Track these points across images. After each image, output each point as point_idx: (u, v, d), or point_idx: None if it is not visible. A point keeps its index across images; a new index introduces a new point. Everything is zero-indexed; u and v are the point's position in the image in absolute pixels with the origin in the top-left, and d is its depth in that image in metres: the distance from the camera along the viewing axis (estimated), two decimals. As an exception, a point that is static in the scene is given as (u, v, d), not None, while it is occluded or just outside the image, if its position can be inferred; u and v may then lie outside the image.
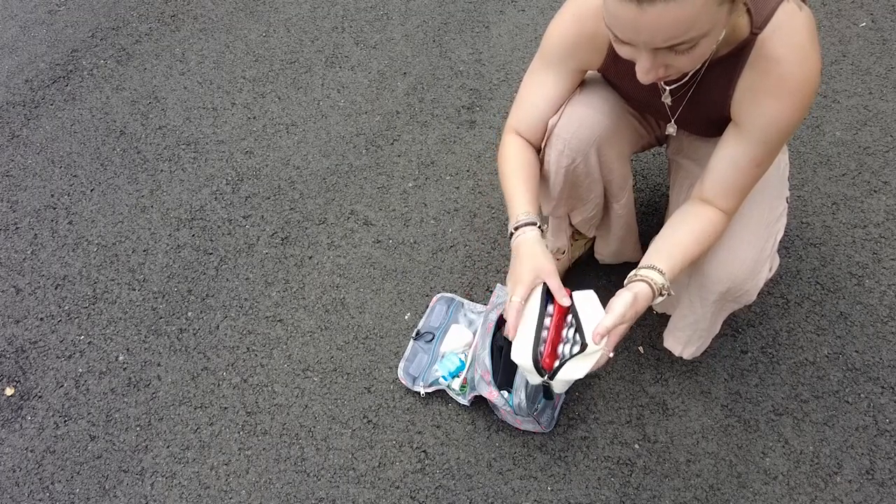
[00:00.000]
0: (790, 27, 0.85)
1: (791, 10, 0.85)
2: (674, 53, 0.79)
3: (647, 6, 0.72)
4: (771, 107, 0.90)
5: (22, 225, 1.91)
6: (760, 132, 0.93)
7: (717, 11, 0.75)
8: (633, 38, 0.78)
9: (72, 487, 1.44)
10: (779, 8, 0.85)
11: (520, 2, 2.22)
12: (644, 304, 0.95)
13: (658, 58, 0.81)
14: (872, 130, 1.73)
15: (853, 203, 1.61)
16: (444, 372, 1.42)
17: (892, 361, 1.39)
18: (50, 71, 2.31)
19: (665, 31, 0.75)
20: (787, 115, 0.89)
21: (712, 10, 0.74)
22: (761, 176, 1.00)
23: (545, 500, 1.31)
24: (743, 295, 1.13)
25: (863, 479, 1.26)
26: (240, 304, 1.66)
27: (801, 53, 0.86)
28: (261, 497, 1.37)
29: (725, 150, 0.99)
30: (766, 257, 1.10)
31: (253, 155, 1.97)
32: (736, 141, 0.97)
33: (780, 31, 0.86)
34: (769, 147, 0.94)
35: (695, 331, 1.26)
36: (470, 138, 1.90)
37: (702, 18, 0.74)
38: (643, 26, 0.75)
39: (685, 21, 0.74)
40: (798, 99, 0.88)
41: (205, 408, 1.51)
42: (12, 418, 1.55)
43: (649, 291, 0.95)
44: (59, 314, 1.71)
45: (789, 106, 0.89)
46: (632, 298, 0.93)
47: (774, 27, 0.86)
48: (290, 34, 2.28)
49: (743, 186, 1.00)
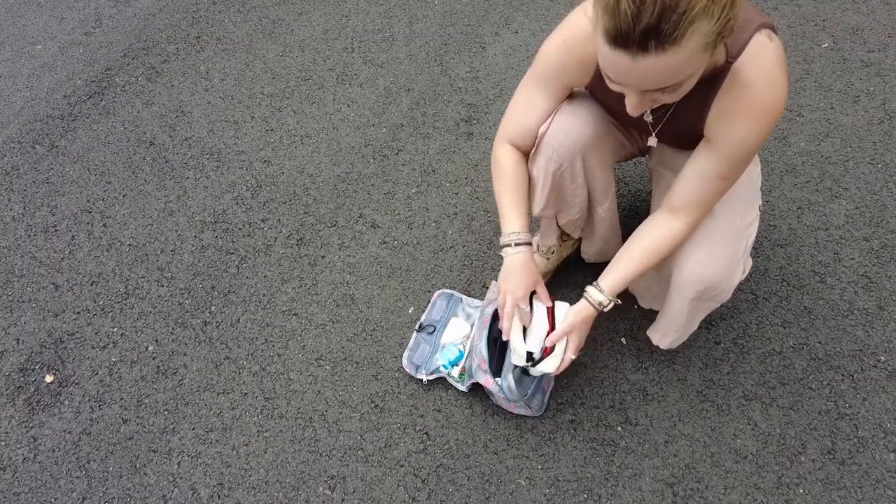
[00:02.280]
0: (761, 56, 0.86)
1: (763, 41, 0.86)
2: (661, 92, 0.79)
3: (640, 58, 0.72)
4: (740, 126, 0.91)
5: (60, 227, 1.91)
6: (729, 149, 0.94)
7: (702, 57, 0.75)
8: (625, 82, 0.78)
9: (106, 466, 1.44)
10: (752, 39, 0.86)
11: (513, 24, 2.22)
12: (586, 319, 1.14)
13: (646, 96, 0.81)
14: (834, 142, 1.73)
15: (816, 208, 1.62)
16: (444, 361, 1.42)
17: (851, 351, 1.39)
18: (86, 87, 2.31)
19: (655, 78, 0.76)
20: (754, 134, 0.90)
21: (698, 58, 0.74)
22: (726, 189, 1.01)
23: (536, 477, 1.31)
24: (719, 294, 1.13)
25: (825, 458, 1.27)
26: (258, 300, 1.66)
27: (771, 79, 0.86)
28: (278, 475, 1.38)
29: (695, 164, 1.00)
30: (739, 259, 1.10)
31: (271, 164, 1.97)
32: (705, 156, 0.98)
33: (752, 60, 0.86)
34: (734, 162, 0.95)
35: (672, 324, 1.27)
36: (468, 149, 1.90)
37: (689, 65, 0.75)
38: (635, 74, 0.75)
39: (674, 69, 0.74)
40: (764, 120, 0.89)
41: (227, 393, 1.51)
42: (52, 403, 1.55)
43: (591, 310, 1.13)
44: (94, 308, 1.71)
45: (757, 126, 0.89)
46: (573, 317, 1.14)
47: (748, 56, 0.86)
48: (305, 54, 2.28)
49: (707, 197, 1.01)
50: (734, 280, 1.12)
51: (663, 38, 0.69)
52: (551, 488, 1.29)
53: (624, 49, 0.72)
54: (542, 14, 2.23)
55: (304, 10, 2.45)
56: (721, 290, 1.12)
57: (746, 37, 0.86)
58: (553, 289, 1.53)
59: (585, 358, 1.44)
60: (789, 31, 2.00)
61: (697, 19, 0.68)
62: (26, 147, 2.16)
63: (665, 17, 0.67)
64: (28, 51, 2.51)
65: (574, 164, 1.16)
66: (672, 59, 0.72)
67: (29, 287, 1.79)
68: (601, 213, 1.31)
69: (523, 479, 1.31)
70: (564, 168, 1.16)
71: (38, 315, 1.72)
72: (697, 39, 0.71)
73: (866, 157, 1.69)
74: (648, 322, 1.42)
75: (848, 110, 1.79)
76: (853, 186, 1.64)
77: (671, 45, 0.70)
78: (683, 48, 0.71)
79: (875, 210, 1.59)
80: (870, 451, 1.26)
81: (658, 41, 0.70)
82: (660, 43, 0.70)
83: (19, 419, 1.54)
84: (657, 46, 0.70)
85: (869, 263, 1.50)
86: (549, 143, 1.13)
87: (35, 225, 1.93)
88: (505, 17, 2.25)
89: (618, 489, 1.27)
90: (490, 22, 2.24)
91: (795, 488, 1.24)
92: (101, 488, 1.41)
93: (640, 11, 0.68)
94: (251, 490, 1.36)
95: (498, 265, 1.62)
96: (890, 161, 1.67)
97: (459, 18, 2.28)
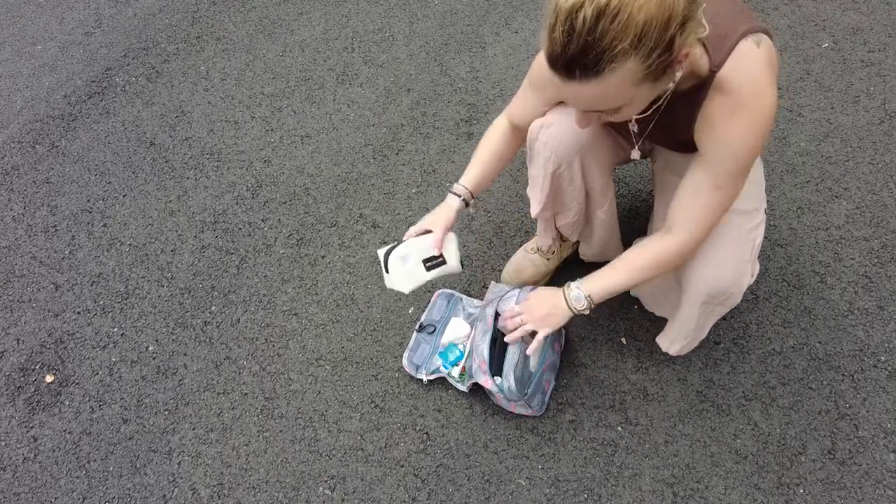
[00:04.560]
0: (745, 63, 0.86)
1: (748, 47, 0.86)
2: (601, 112, 0.84)
3: (567, 83, 0.79)
4: (726, 133, 0.90)
5: (61, 227, 1.91)
6: (717, 156, 0.93)
7: (636, 90, 0.79)
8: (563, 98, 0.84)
9: (106, 466, 1.44)
10: (736, 47, 0.86)
11: (513, 24, 2.22)
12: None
13: (588, 113, 0.87)
14: (834, 142, 1.73)
15: (816, 208, 1.61)
16: (444, 361, 1.42)
17: (851, 351, 1.39)
18: (86, 87, 2.31)
19: (586, 101, 0.83)
20: (741, 140, 0.89)
21: (629, 91, 0.79)
22: (724, 203, 0.98)
23: (536, 477, 1.31)
24: (728, 298, 1.13)
25: (825, 458, 1.26)
26: (259, 300, 1.66)
27: (755, 86, 0.86)
28: (278, 475, 1.37)
29: (688, 177, 1.00)
30: (747, 262, 1.09)
31: (271, 164, 1.97)
32: (697, 168, 0.98)
33: (735, 67, 0.86)
34: (727, 171, 0.94)
35: (682, 330, 1.26)
36: (468, 148, 1.90)
37: (619, 96, 0.79)
38: (568, 94, 0.82)
39: (601, 97, 0.80)
40: (750, 126, 0.88)
41: (227, 393, 1.51)
42: (52, 403, 1.55)
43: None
44: (94, 308, 1.71)
45: (743, 132, 0.89)
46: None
47: (731, 64, 0.86)
48: (305, 54, 2.28)
49: (702, 212, 0.99)
50: (743, 284, 1.11)
51: (586, 68, 0.75)
52: (551, 488, 1.29)
53: (555, 72, 0.79)
54: (542, 14, 2.22)
55: (304, 10, 2.45)
56: (730, 295, 1.12)
57: (730, 45, 0.86)
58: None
59: (585, 358, 1.44)
60: (789, 31, 2.00)
61: (620, 57, 0.73)
62: (26, 147, 2.16)
63: (587, 51, 0.73)
64: (28, 51, 2.51)
65: (572, 165, 1.16)
66: (596, 89, 0.77)
67: (29, 287, 1.78)
68: (600, 216, 1.31)
69: (523, 479, 1.31)
70: (563, 169, 1.17)
71: (38, 315, 1.72)
72: (622, 75, 0.75)
73: (866, 157, 1.68)
74: (648, 322, 1.42)
75: (848, 110, 1.79)
76: (853, 186, 1.64)
77: (594, 77, 0.75)
78: (606, 81, 0.76)
79: (875, 210, 1.59)
80: (870, 452, 1.26)
81: (582, 70, 0.75)
82: (583, 72, 0.75)
83: (19, 419, 1.54)
84: (581, 75, 0.76)
85: (869, 263, 1.50)
86: (549, 145, 1.14)
87: (35, 225, 1.93)
88: (505, 16, 2.25)
89: (618, 489, 1.27)
90: (490, 22, 2.24)
91: (795, 488, 1.24)
92: (101, 488, 1.41)
93: (569, 42, 0.73)
94: (251, 490, 1.36)
95: (498, 265, 1.62)
96: (890, 161, 1.67)
97: (459, 18, 2.28)
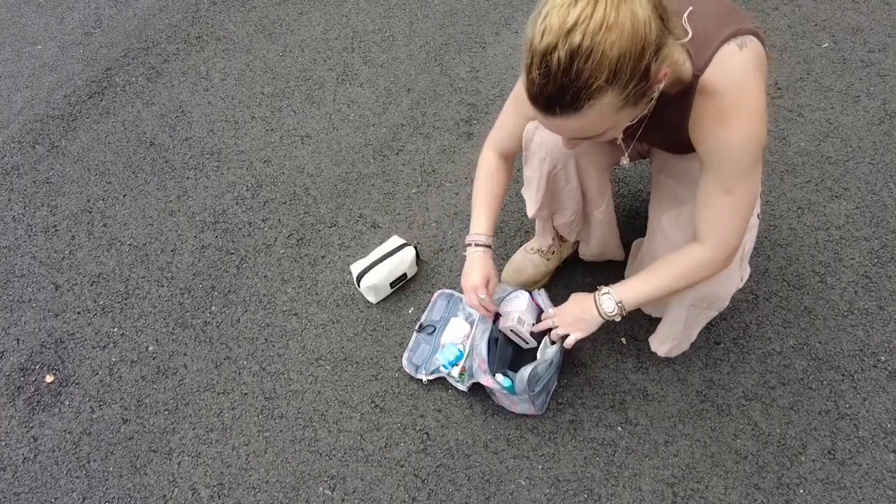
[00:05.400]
0: (727, 67, 0.86)
1: (730, 51, 0.85)
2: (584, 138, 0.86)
3: (548, 118, 0.80)
4: (718, 135, 0.90)
5: (61, 227, 1.91)
6: (717, 159, 0.93)
7: (615, 116, 0.80)
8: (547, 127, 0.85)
9: (106, 466, 1.44)
10: (718, 51, 0.86)
11: (514, 24, 2.22)
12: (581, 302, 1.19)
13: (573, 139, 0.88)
14: (834, 142, 1.73)
15: (816, 208, 1.61)
16: (444, 361, 1.42)
17: (851, 351, 1.38)
18: (86, 87, 2.31)
19: (568, 133, 0.85)
20: (734, 139, 0.89)
21: (610, 118, 0.79)
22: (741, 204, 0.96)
23: (536, 477, 1.30)
24: (715, 301, 1.14)
25: (825, 458, 1.26)
26: (259, 300, 1.66)
27: (738, 89, 0.86)
28: (278, 475, 1.37)
29: (700, 187, 0.99)
30: (735, 267, 1.09)
31: (271, 164, 1.97)
32: (704, 176, 0.97)
33: (717, 71, 0.86)
34: (730, 172, 0.93)
35: (671, 332, 1.27)
36: (468, 149, 1.90)
37: (600, 124, 0.80)
38: (551, 126, 0.84)
39: (582, 128, 0.81)
40: (740, 124, 0.87)
41: (227, 393, 1.51)
42: (52, 403, 1.55)
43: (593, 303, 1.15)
44: (94, 308, 1.71)
45: (734, 131, 0.88)
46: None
47: (713, 68, 0.86)
48: (305, 54, 2.28)
49: (720, 216, 0.97)
50: (730, 288, 1.12)
51: (565, 106, 0.76)
52: (551, 488, 1.29)
53: (536, 108, 0.80)
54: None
55: (304, 10, 2.45)
56: (717, 298, 1.13)
57: (712, 50, 0.86)
58: (553, 289, 1.53)
59: (585, 358, 1.44)
60: (789, 31, 2.00)
61: (597, 94, 0.74)
62: (26, 147, 2.16)
63: (564, 92, 0.74)
64: (28, 51, 2.51)
65: (568, 165, 1.17)
66: (577, 123, 0.79)
67: (29, 287, 1.78)
68: (597, 216, 1.31)
69: (523, 479, 1.31)
70: (558, 169, 1.18)
71: (38, 315, 1.72)
72: (600, 109, 0.76)
73: (866, 157, 1.68)
74: (649, 322, 1.42)
75: (848, 110, 1.79)
76: (853, 186, 1.64)
77: (574, 112, 0.77)
78: (586, 116, 0.77)
79: (875, 210, 1.59)
80: (870, 451, 1.26)
81: (561, 108, 0.77)
82: (563, 110, 0.77)
83: (19, 419, 1.53)
84: (561, 112, 0.77)
85: (869, 263, 1.50)
86: (544, 145, 1.15)
87: (35, 225, 1.93)
88: (505, 17, 2.25)
89: (618, 489, 1.27)
90: (490, 22, 2.24)
91: (795, 488, 1.23)
92: (101, 488, 1.41)
93: (546, 83, 0.75)
94: (251, 490, 1.36)
95: (498, 265, 1.62)
96: (890, 161, 1.67)
97: (459, 18, 2.28)
